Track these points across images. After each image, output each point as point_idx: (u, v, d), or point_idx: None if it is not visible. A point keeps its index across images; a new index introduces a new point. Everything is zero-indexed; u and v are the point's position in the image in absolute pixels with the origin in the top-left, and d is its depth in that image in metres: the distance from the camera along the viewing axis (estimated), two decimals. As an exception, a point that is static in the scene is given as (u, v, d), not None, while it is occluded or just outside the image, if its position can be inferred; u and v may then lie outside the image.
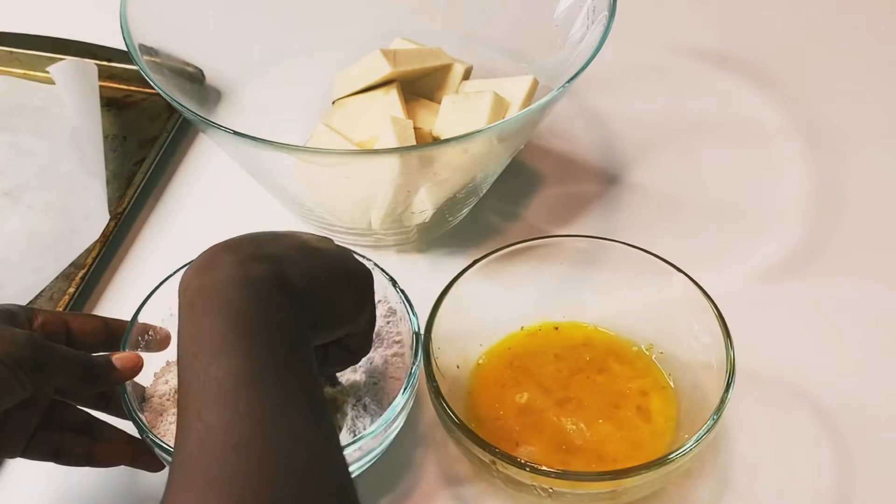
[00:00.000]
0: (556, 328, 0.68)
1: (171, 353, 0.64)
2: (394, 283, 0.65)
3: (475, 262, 0.66)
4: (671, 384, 0.65)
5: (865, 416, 0.66)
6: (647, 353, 0.66)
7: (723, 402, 0.59)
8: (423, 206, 0.72)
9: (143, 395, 0.62)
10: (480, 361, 0.67)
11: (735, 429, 0.65)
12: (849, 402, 0.67)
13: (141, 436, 0.59)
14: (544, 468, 0.57)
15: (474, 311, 0.66)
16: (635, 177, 0.83)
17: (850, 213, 0.80)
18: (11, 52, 0.90)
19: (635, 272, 0.66)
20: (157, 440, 0.57)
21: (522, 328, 0.68)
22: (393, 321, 0.65)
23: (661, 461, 0.56)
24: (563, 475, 0.57)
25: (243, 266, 0.49)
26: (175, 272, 0.65)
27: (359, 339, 0.58)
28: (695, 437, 0.57)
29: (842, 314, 0.73)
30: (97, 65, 0.86)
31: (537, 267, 0.68)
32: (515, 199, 0.81)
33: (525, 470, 0.57)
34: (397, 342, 0.65)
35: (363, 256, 0.66)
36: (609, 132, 0.86)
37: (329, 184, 0.72)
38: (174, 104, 0.68)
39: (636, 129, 0.86)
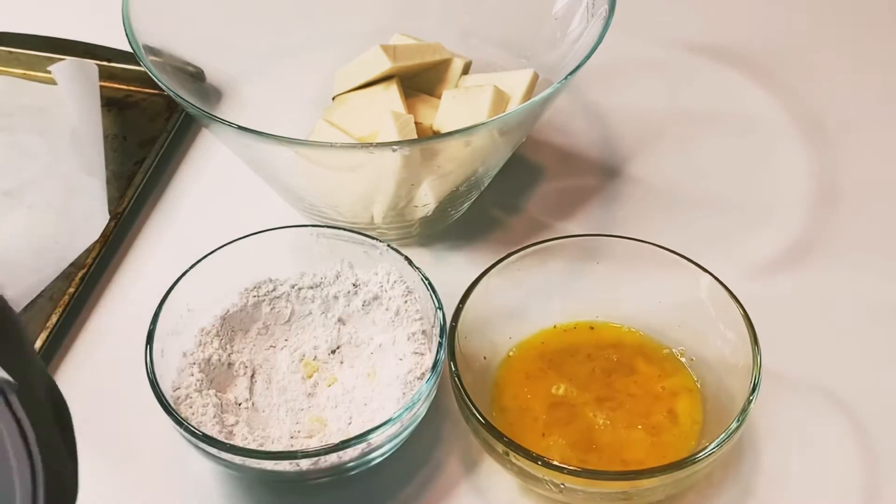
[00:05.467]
0: (592, 328, 0.68)
1: (187, 344, 0.65)
2: (410, 262, 0.65)
3: (507, 256, 0.65)
4: (698, 386, 0.64)
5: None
6: (677, 357, 0.66)
7: (747, 405, 0.58)
8: (426, 199, 0.72)
9: (169, 389, 0.62)
10: (511, 353, 0.66)
11: (762, 434, 0.64)
12: (882, 406, 0.66)
13: (179, 427, 0.59)
14: (556, 463, 0.56)
15: (505, 304, 0.65)
16: (636, 170, 0.83)
17: (853, 205, 0.80)
18: (11, 52, 0.90)
19: (665, 273, 0.65)
20: (195, 430, 0.58)
21: (556, 325, 0.68)
22: (411, 300, 0.66)
23: (679, 464, 0.56)
24: (576, 472, 0.56)
25: None
26: (189, 269, 0.65)
27: None
28: (716, 442, 0.56)
29: (854, 309, 0.72)
30: (97, 65, 0.86)
31: (572, 265, 0.67)
32: (516, 193, 0.81)
33: (537, 464, 0.56)
34: (418, 320, 0.65)
35: (373, 237, 0.67)
36: (609, 126, 0.87)
37: (332, 179, 0.72)
38: (181, 102, 0.68)
39: (636, 122, 0.87)
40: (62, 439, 0.40)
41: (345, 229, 0.68)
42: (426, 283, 0.64)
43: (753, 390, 0.59)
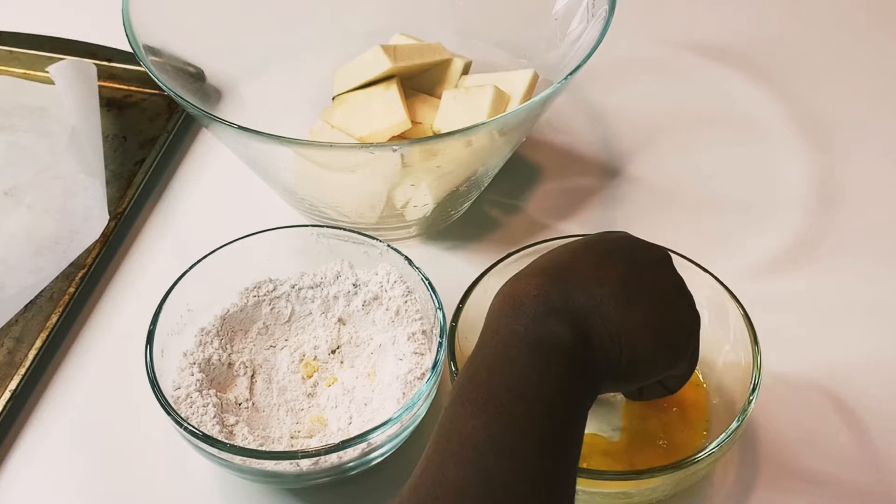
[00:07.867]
0: None
1: (187, 344, 0.65)
2: (410, 262, 0.65)
3: (507, 256, 0.65)
4: (703, 384, 0.64)
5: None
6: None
7: (747, 405, 0.58)
8: (426, 199, 0.72)
9: (169, 389, 0.62)
10: None
11: (762, 434, 0.64)
12: (882, 406, 0.66)
13: (179, 427, 0.58)
14: None
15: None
16: (634, 170, 0.83)
17: (853, 205, 0.80)
18: (11, 51, 0.90)
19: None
20: (195, 430, 0.58)
21: None
22: (411, 300, 0.66)
23: (679, 464, 0.55)
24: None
25: (539, 323, 0.47)
26: (189, 269, 0.65)
27: (677, 380, 0.57)
28: (717, 441, 0.56)
29: (854, 309, 0.72)
30: (97, 65, 0.86)
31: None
32: (516, 193, 0.81)
33: None
34: (418, 320, 0.65)
35: (373, 237, 0.66)
36: (608, 126, 0.86)
37: (332, 179, 0.72)
38: (181, 102, 0.68)
39: (635, 123, 0.87)
40: None
41: (345, 229, 0.68)
42: (426, 283, 0.64)
43: (753, 390, 0.58)
